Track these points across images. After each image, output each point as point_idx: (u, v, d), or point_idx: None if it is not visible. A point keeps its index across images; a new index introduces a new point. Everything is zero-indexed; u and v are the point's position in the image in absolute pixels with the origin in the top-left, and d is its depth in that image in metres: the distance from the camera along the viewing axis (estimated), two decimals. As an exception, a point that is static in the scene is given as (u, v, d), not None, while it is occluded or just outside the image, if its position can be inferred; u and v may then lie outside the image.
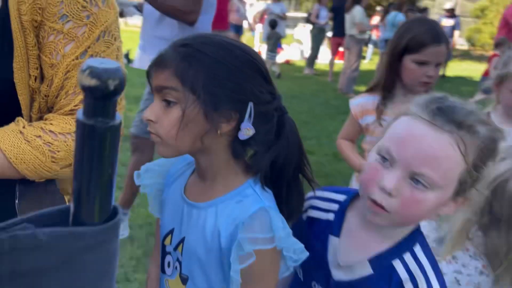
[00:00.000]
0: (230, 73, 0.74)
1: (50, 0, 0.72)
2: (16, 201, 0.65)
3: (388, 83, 1.51)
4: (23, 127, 0.70)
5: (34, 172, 0.69)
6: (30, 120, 0.77)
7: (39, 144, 0.69)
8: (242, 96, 0.74)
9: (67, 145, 0.71)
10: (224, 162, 0.79)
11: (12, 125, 0.70)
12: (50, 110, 0.77)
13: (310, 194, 0.88)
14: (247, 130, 0.76)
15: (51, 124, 0.72)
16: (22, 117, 0.75)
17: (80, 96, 0.74)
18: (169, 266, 0.84)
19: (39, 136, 0.69)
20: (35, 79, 0.74)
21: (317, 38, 8.53)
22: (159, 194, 0.90)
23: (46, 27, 0.73)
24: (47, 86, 0.75)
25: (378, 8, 11.67)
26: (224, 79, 0.73)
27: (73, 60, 0.74)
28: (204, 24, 2.18)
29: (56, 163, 0.70)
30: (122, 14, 2.63)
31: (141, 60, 2.26)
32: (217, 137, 0.76)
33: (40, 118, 0.78)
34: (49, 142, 0.70)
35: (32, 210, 0.67)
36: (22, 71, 0.72)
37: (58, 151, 0.70)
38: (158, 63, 0.74)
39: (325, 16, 8.29)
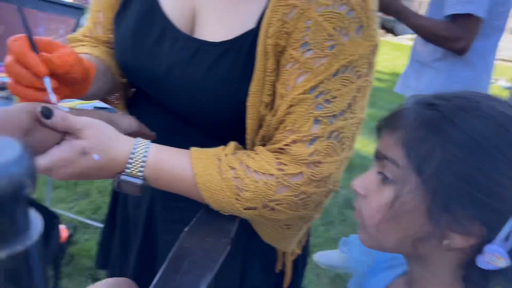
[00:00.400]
0: (488, 163, 0.46)
1: (298, 25, 0.63)
2: (186, 228, 0.62)
3: None
4: (225, 155, 0.65)
5: (216, 204, 0.64)
6: (253, 146, 0.72)
7: (229, 177, 0.63)
8: (499, 204, 0.45)
9: (256, 186, 0.62)
10: (443, 286, 0.52)
11: (217, 149, 0.67)
12: (269, 141, 0.70)
13: None
14: (496, 259, 0.47)
15: (252, 158, 0.65)
16: (245, 141, 0.72)
17: (294, 136, 0.64)
18: None
19: (234, 168, 0.63)
20: (266, 106, 0.69)
21: None
22: (361, 276, 0.70)
23: (286, 54, 0.65)
24: (272, 116, 0.68)
25: None
26: (474, 169, 0.46)
27: (300, 93, 0.63)
28: (481, 53, 1.60)
29: (240, 202, 0.63)
30: (393, 31, 2.33)
31: (398, 84, 1.92)
32: (440, 249, 0.50)
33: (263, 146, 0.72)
34: (240, 177, 0.63)
35: (191, 244, 0.63)
36: (256, 96, 0.68)
37: (246, 190, 0.62)
38: (389, 121, 0.55)
39: None
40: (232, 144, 0.67)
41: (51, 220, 1.65)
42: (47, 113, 0.52)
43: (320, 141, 0.63)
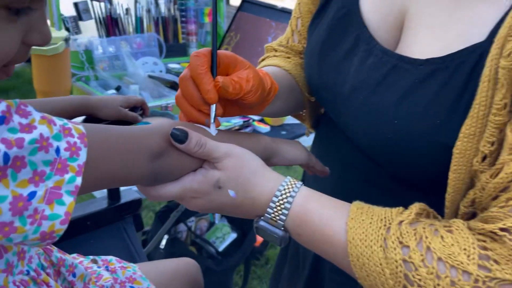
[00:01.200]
0: None
1: None
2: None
3: None
4: (399, 222, 0.44)
5: None
6: (455, 211, 0.50)
7: (396, 258, 0.42)
8: None
9: (437, 284, 0.40)
10: None
11: (390, 211, 0.46)
12: (482, 211, 0.46)
13: None
14: None
15: (441, 236, 0.42)
16: (444, 201, 0.50)
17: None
18: None
19: (407, 247, 0.43)
20: (483, 159, 0.45)
21: None
22: None
23: None
24: (490, 176, 0.44)
25: None
26: None
27: None
28: None
29: None
30: None
31: None
32: None
33: (472, 216, 0.49)
34: (413, 263, 0.41)
35: None
36: (470, 141, 0.46)
37: (419, 285, 0.41)
38: None
39: None
40: (416, 208, 0.47)
41: (247, 223, 1.71)
42: (181, 137, 0.45)
43: None
